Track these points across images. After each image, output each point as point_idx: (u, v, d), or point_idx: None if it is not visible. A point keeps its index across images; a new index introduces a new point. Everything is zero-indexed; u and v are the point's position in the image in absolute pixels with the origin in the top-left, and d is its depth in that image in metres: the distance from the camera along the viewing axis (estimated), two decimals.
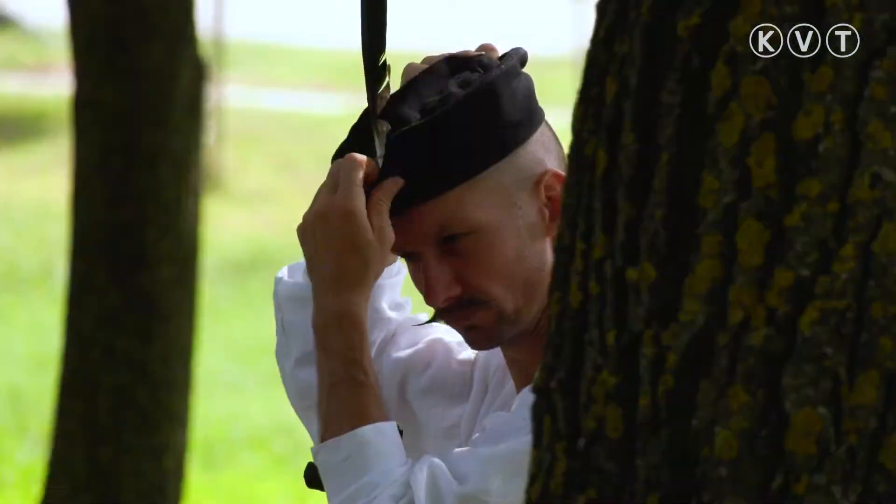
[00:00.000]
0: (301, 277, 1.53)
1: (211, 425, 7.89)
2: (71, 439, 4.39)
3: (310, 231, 1.41)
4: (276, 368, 1.57)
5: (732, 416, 0.86)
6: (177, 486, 4.42)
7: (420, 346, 1.59)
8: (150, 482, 4.34)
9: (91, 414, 4.35)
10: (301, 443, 7.69)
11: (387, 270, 1.52)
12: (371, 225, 1.38)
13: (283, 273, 1.57)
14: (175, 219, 4.37)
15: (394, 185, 1.40)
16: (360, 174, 1.38)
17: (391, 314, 1.57)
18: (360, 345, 1.40)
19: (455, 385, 1.57)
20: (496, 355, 1.54)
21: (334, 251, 1.39)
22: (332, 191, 1.40)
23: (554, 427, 0.92)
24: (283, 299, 1.54)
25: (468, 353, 1.58)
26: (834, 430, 0.85)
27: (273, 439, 8.13)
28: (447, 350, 1.59)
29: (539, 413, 0.95)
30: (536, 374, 0.96)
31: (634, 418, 0.88)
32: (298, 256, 1.55)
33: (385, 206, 1.39)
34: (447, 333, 1.57)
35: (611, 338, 0.89)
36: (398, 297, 1.57)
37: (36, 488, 5.09)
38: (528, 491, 0.95)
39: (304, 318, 1.47)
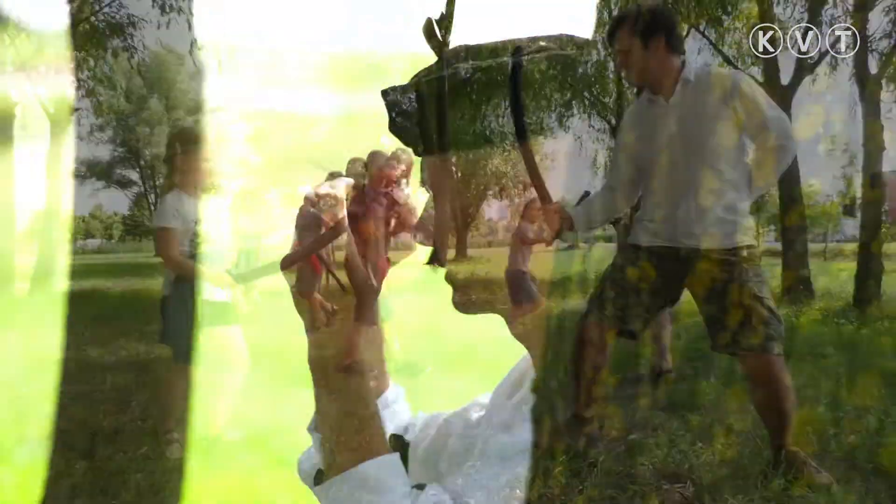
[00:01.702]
0: None
1: (211, 425, 7.88)
2: (71, 440, 4.39)
3: None
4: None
5: (732, 416, 0.86)
6: (177, 486, 4.42)
7: None
8: (150, 482, 4.34)
9: (91, 414, 4.35)
10: (301, 443, 7.68)
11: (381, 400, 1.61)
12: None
13: None
14: None
15: None
16: None
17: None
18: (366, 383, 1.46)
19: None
20: None
21: None
22: None
23: (554, 427, 0.92)
24: None
25: None
26: (834, 430, 0.85)
27: (273, 439, 8.13)
28: None
29: (539, 413, 0.95)
30: (536, 374, 0.96)
31: (634, 418, 0.88)
32: None
33: None
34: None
35: (611, 338, 0.89)
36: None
37: (36, 488, 5.10)
38: (528, 491, 0.96)
39: None
